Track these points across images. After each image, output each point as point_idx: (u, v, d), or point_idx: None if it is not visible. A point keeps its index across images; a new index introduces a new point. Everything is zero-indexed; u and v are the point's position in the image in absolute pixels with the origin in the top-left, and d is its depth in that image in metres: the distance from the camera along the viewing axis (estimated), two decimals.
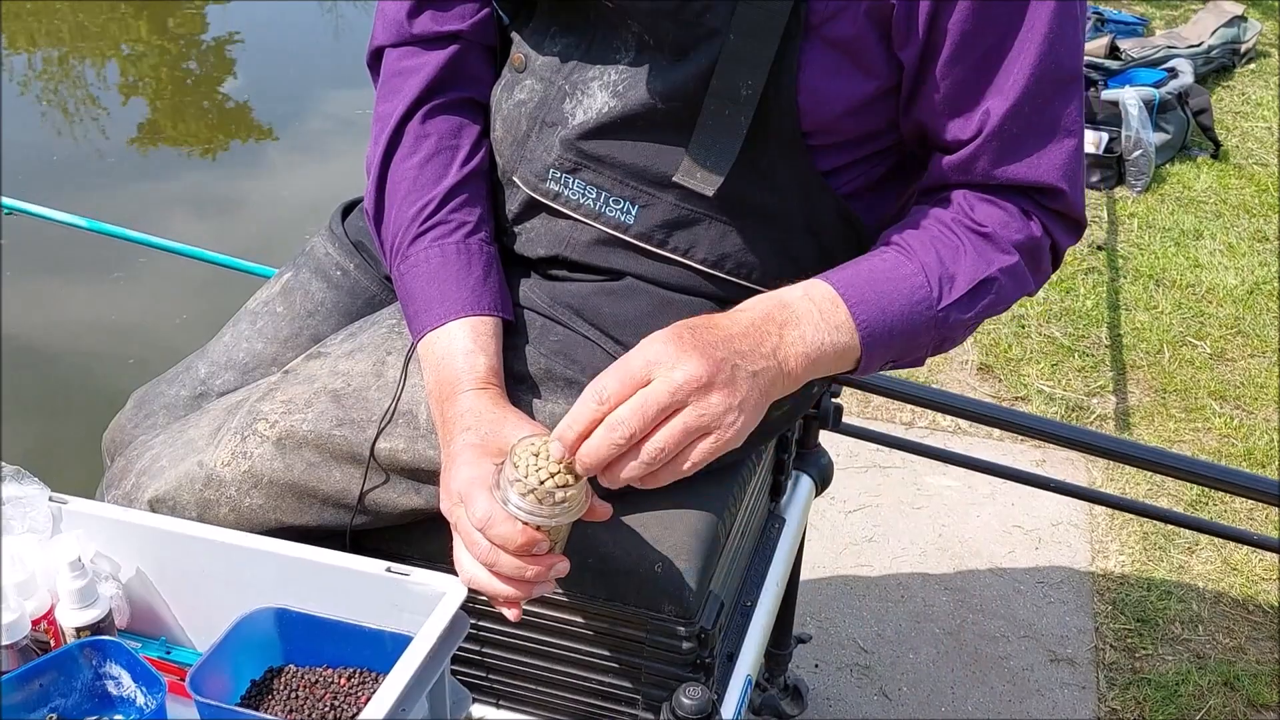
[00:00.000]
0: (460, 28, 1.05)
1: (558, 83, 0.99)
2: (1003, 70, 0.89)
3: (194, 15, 6.01)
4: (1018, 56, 0.88)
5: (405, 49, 1.06)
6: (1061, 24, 0.88)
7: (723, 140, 0.93)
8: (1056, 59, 0.88)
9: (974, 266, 0.91)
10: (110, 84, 5.10)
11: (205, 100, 5.00)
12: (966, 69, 0.89)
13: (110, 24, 5.72)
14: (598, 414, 0.78)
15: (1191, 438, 2.43)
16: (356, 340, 1.05)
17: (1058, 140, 0.91)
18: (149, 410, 1.12)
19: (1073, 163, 0.93)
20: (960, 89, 0.90)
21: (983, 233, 0.92)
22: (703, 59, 0.91)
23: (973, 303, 0.91)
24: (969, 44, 0.88)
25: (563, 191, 1.00)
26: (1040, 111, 0.90)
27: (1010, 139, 0.91)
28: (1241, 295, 2.92)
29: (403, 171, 1.03)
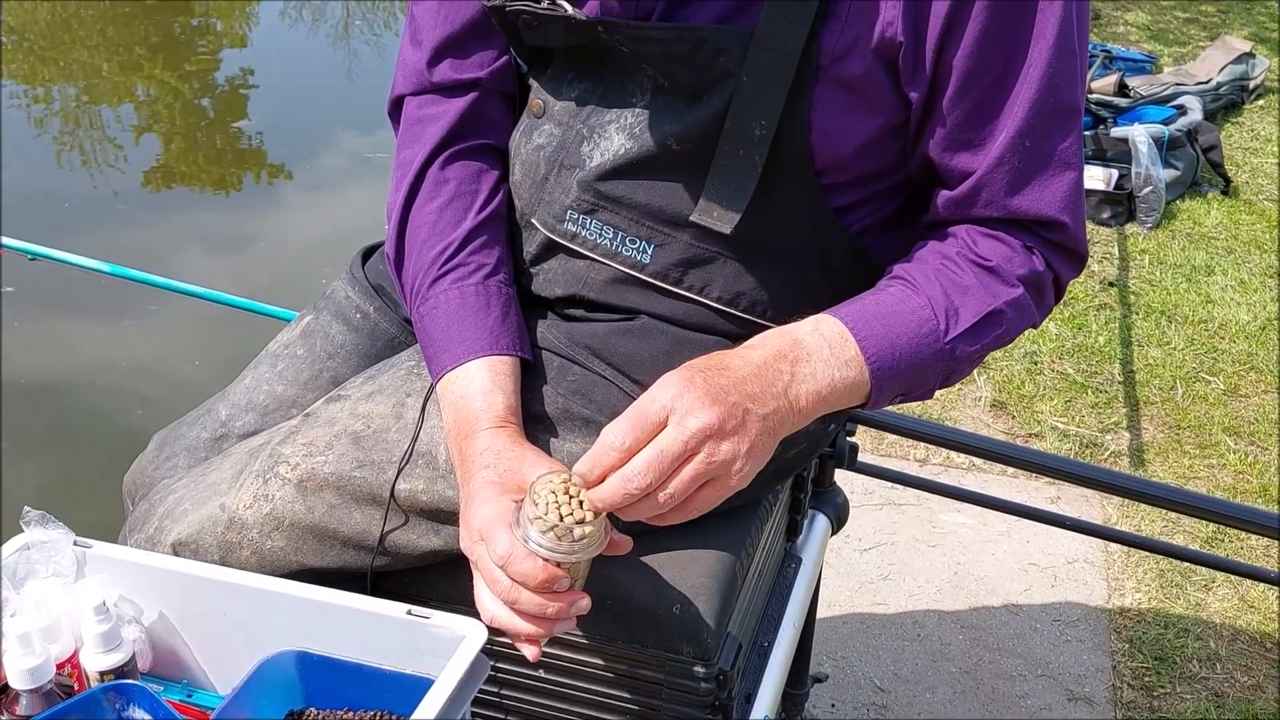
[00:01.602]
0: (479, 75, 1.07)
1: (575, 127, 1.01)
2: (1004, 104, 0.90)
3: (208, 56, 6.09)
4: (1019, 91, 0.90)
5: (425, 97, 1.08)
6: (1060, 58, 0.89)
7: (738, 180, 0.94)
8: (1055, 92, 0.90)
9: (980, 300, 0.92)
10: (126, 125, 5.16)
11: (219, 139, 5.06)
12: (970, 104, 0.91)
13: (127, 66, 5.80)
14: (615, 460, 0.79)
15: (1206, 474, 2.42)
16: (376, 382, 1.06)
17: (1058, 173, 0.92)
18: (170, 452, 1.13)
19: (1073, 195, 0.94)
20: (963, 123, 0.92)
21: (987, 266, 0.93)
22: (717, 101, 0.93)
23: (979, 335, 0.92)
24: (973, 79, 0.90)
25: (580, 232, 1.01)
26: (1040, 144, 0.91)
27: (1012, 172, 0.92)
28: (1254, 331, 2.92)
29: (423, 216, 1.04)
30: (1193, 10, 5.32)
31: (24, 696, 0.82)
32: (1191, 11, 5.30)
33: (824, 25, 0.89)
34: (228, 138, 5.05)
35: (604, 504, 0.80)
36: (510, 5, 0.99)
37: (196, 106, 5.35)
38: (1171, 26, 5.09)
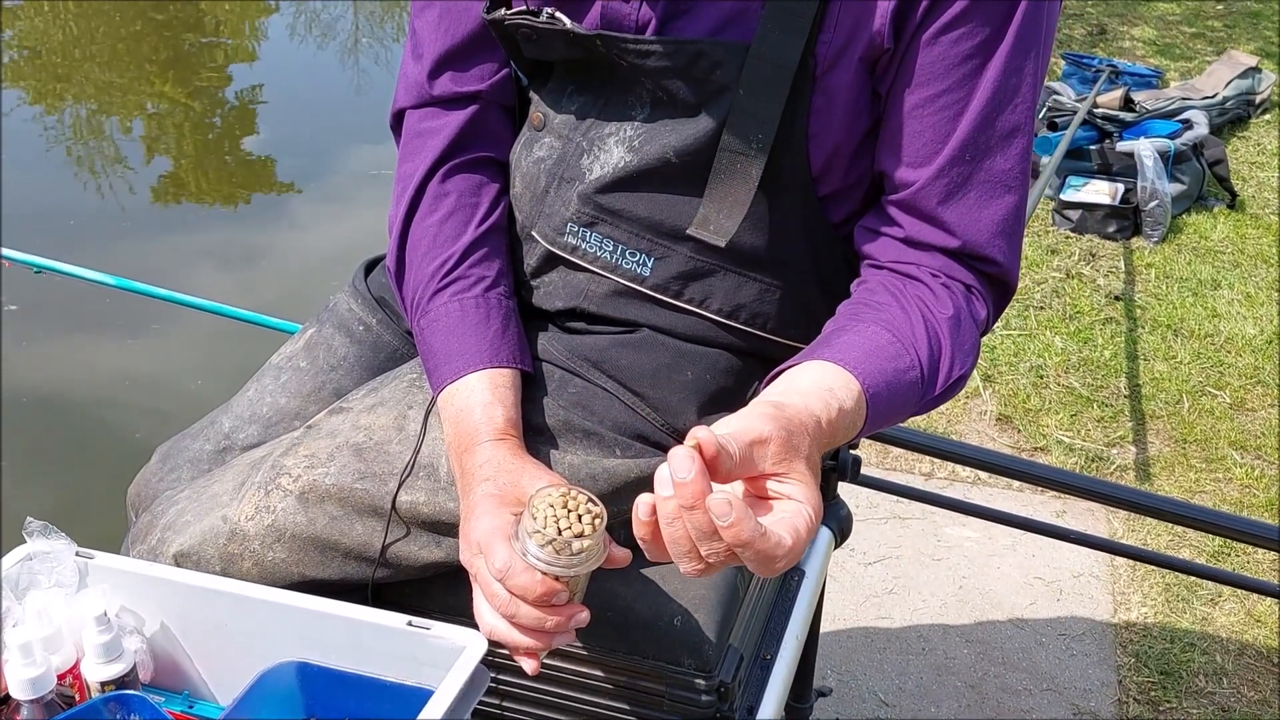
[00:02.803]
0: (479, 88, 1.07)
1: (576, 140, 1.02)
2: (951, 117, 0.91)
3: (218, 71, 6.13)
4: (966, 105, 0.91)
5: (426, 110, 1.09)
6: (1006, 78, 0.90)
7: (735, 192, 0.95)
8: (999, 111, 0.91)
9: (950, 365, 0.93)
10: (136, 140, 5.19)
11: (228, 155, 5.09)
12: (925, 110, 0.92)
13: (137, 82, 5.84)
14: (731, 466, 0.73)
15: (1213, 488, 2.41)
16: (378, 394, 1.07)
17: (998, 195, 0.93)
18: (173, 464, 1.14)
19: (1010, 220, 0.95)
20: (914, 128, 0.93)
21: (956, 325, 0.94)
22: (715, 114, 0.94)
23: (942, 398, 0.94)
24: (929, 82, 0.91)
25: (580, 245, 1.02)
26: (980, 162, 0.92)
27: (951, 186, 0.93)
28: (1260, 345, 2.91)
29: (423, 229, 1.05)
30: (1199, 25, 5.33)
31: (25, 706, 0.83)
32: (1198, 26, 5.31)
33: (818, 35, 0.90)
34: (237, 153, 5.08)
35: (693, 498, 0.69)
36: (510, 18, 0.99)
37: (206, 123, 5.38)
38: (1178, 41, 5.10)
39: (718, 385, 1.04)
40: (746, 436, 0.72)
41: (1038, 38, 0.92)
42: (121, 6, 6.85)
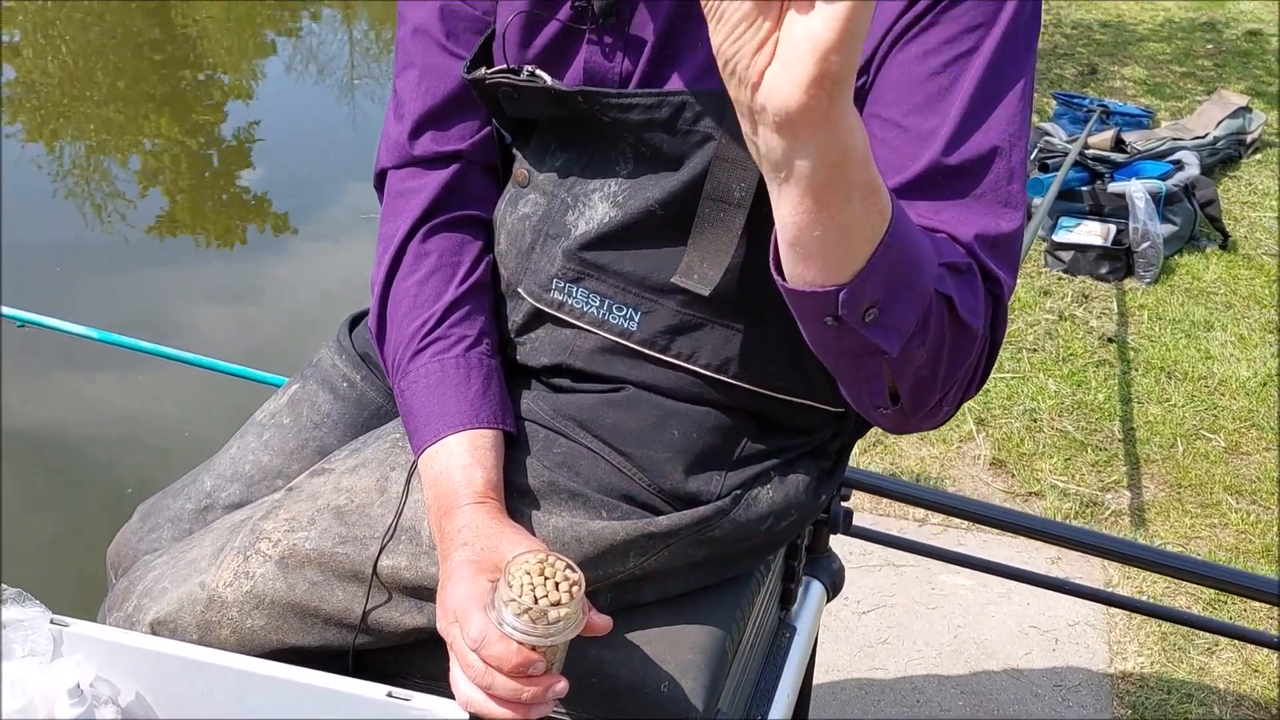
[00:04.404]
0: (461, 148, 1.07)
1: (560, 195, 1.02)
2: (917, 139, 0.87)
3: (215, 108, 6.16)
4: (936, 129, 0.86)
5: (408, 170, 1.09)
6: (984, 99, 0.87)
7: (718, 240, 0.94)
8: (970, 133, 0.86)
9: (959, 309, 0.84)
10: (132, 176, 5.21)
11: (225, 191, 5.11)
12: (892, 132, 0.88)
13: (134, 120, 5.86)
14: None
15: (1208, 534, 2.40)
16: (360, 455, 1.06)
17: (982, 212, 0.86)
18: (154, 524, 1.12)
19: (1001, 237, 0.87)
20: (882, 151, 0.88)
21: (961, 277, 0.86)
22: (697, 163, 0.94)
23: (960, 301, 0.83)
24: (895, 102, 0.88)
25: (567, 300, 1.01)
26: (957, 181, 0.87)
27: (926, 205, 0.87)
28: (1254, 388, 2.90)
29: (404, 290, 1.05)
30: (1189, 65, 5.36)
31: None
32: (1188, 66, 5.34)
33: None
34: (233, 189, 5.10)
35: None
36: (490, 77, 0.99)
37: (202, 158, 5.40)
38: (1168, 81, 5.13)
39: (705, 443, 1.03)
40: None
41: (1018, 64, 0.88)
42: (119, 44, 6.89)
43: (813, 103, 0.63)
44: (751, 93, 0.65)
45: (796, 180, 0.68)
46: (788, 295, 0.76)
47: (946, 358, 0.84)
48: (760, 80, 0.65)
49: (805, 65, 0.62)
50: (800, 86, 0.63)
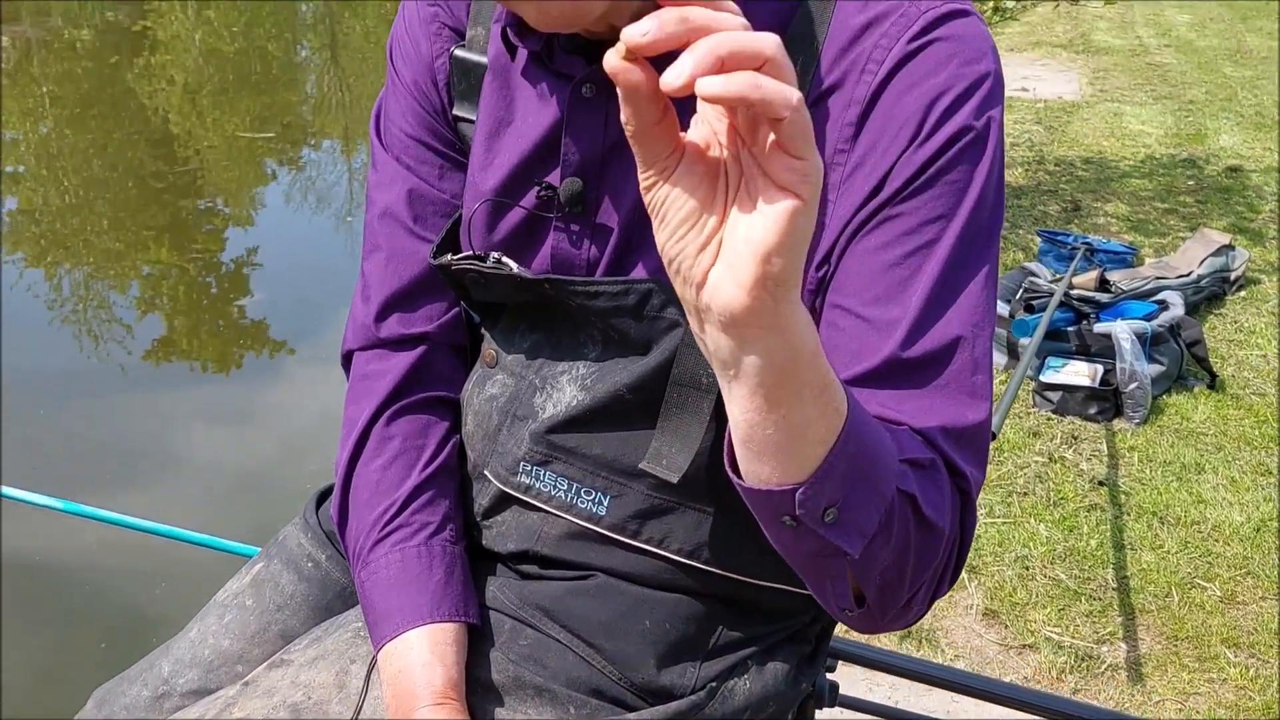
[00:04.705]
0: (427, 330, 1.07)
1: (528, 378, 1.01)
2: (878, 330, 0.86)
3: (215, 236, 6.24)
4: (899, 319, 0.85)
5: (373, 352, 1.08)
6: (946, 290, 0.86)
7: (687, 426, 0.93)
8: (933, 320, 0.85)
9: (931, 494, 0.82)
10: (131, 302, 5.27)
11: (222, 316, 5.16)
12: (851, 319, 0.87)
13: (133, 248, 5.94)
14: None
15: (1207, 690, 2.34)
16: (321, 646, 1.03)
17: (948, 402, 0.85)
18: (109, 711, 1.09)
19: (966, 427, 0.85)
20: (840, 340, 0.87)
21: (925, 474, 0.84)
22: (666, 348, 0.93)
23: (920, 507, 0.81)
24: (858, 291, 0.87)
25: (534, 484, 1.00)
26: (919, 371, 0.85)
27: (889, 396, 0.85)
28: (1248, 533, 2.87)
29: (366, 475, 1.03)
30: (1171, 201, 5.46)
31: None
32: (1170, 202, 5.44)
33: None
34: (231, 314, 5.15)
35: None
36: (456, 264, 1.00)
37: (201, 284, 5.47)
38: (1151, 217, 5.22)
39: (678, 633, 1.00)
40: None
41: (980, 254, 0.87)
42: (121, 176, 7.02)
43: (757, 304, 0.63)
44: (696, 292, 0.65)
45: (745, 379, 0.68)
46: (744, 493, 0.75)
47: (913, 558, 0.81)
48: (704, 280, 0.65)
49: (748, 267, 0.62)
50: (744, 288, 0.63)
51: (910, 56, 0.86)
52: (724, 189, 0.64)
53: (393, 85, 1.08)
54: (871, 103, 0.86)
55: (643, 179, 0.65)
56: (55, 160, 7.31)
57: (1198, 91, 7.94)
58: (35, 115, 8.38)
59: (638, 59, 0.61)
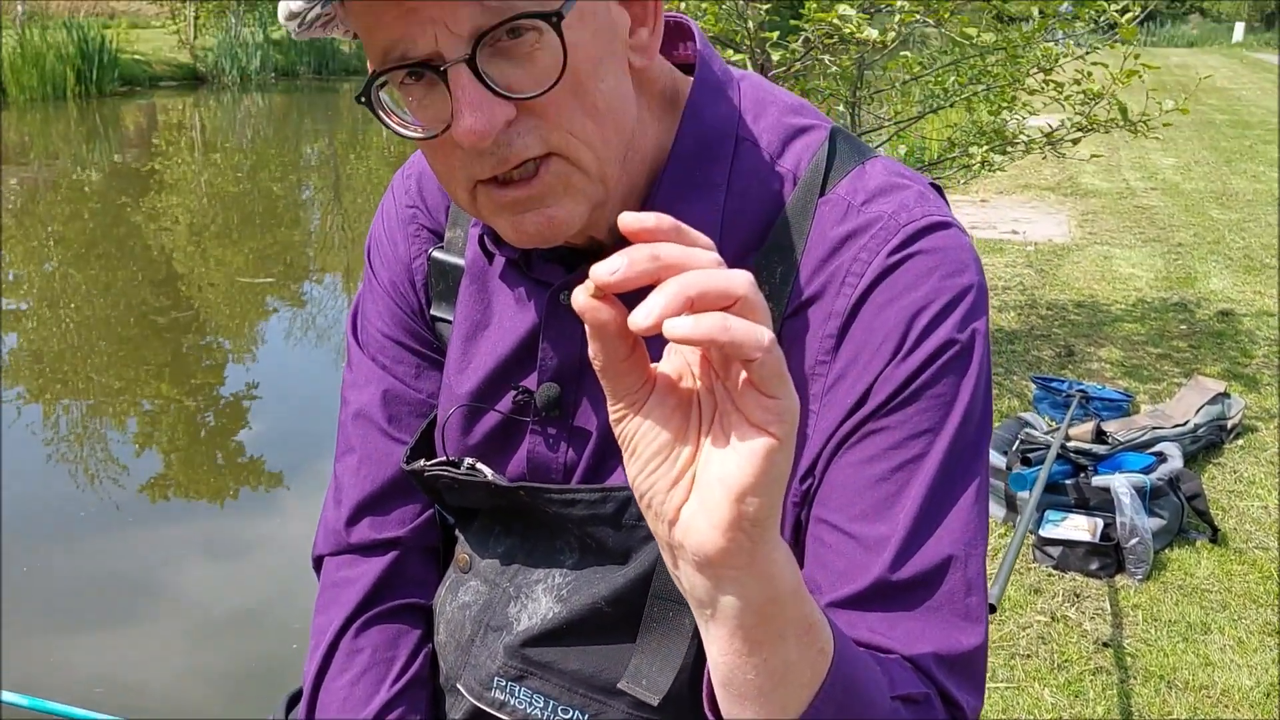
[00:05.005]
0: (399, 534, 1.06)
1: (502, 585, 0.99)
2: (865, 549, 0.84)
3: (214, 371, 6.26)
4: (888, 536, 0.83)
5: (344, 558, 1.07)
6: (935, 506, 0.84)
7: (669, 643, 0.90)
8: (923, 538, 0.83)
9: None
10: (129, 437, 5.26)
11: (219, 451, 5.15)
12: (837, 536, 0.85)
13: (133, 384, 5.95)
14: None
15: None
16: None
17: (939, 626, 0.83)
18: None
19: (958, 655, 0.83)
20: (827, 558, 0.85)
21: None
22: (645, 559, 0.91)
23: None
24: (843, 508, 0.85)
25: (509, 700, 0.97)
26: (912, 590, 0.83)
27: (877, 619, 0.83)
28: (1258, 698, 2.80)
29: (333, 692, 1.01)
30: (1164, 346, 5.50)
31: None
32: (1163, 347, 5.47)
33: None
34: (228, 449, 5.14)
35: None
36: (429, 469, 0.99)
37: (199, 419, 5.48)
38: (1145, 363, 5.24)
39: None
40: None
41: (968, 467, 0.86)
42: (123, 314, 7.08)
43: (732, 545, 0.61)
44: (669, 528, 0.64)
45: (723, 620, 0.65)
46: None
47: None
48: (677, 517, 0.63)
49: (722, 507, 0.61)
50: (718, 529, 0.61)
51: (890, 270, 0.86)
52: (697, 421, 0.63)
53: (370, 285, 1.09)
54: (851, 316, 0.86)
55: (612, 411, 0.64)
56: (58, 299, 7.38)
57: (1186, 234, 8.08)
58: (40, 255, 8.50)
59: (607, 295, 0.60)
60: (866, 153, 0.93)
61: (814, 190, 0.89)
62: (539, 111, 0.79)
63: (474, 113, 0.76)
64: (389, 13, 0.76)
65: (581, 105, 0.79)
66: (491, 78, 0.76)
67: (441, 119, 0.79)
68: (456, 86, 0.76)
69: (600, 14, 0.81)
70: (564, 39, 0.76)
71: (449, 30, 0.75)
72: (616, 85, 0.82)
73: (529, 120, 0.79)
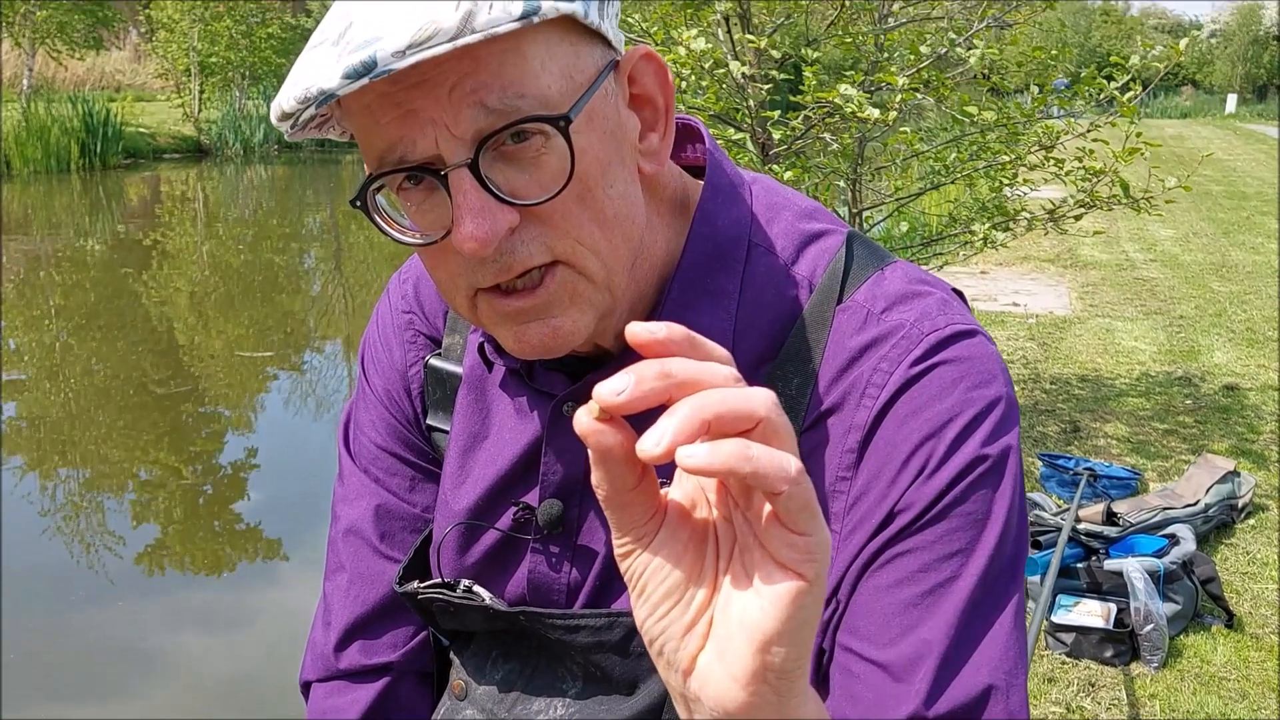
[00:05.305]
0: (391, 659, 1.00)
1: (500, 715, 0.93)
2: (892, 679, 0.79)
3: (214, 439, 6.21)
4: (921, 657, 0.78)
5: (333, 684, 1.01)
6: (970, 633, 0.79)
7: None
8: (957, 668, 0.78)
9: None
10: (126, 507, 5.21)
11: (218, 520, 5.10)
12: (864, 665, 0.80)
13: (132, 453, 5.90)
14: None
15: None
16: None
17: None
18: None
19: None
20: (854, 691, 0.80)
21: None
22: (654, 690, 0.85)
23: None
24: (873, 635, 0.80)
25: None
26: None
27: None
28: None
29: None
30: (1170, 421, 5.45)
31: None
32: (1169, 423, 5.43)
33: None
34: (225, 517, 5.10)
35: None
36: (423, 592, 0.94)
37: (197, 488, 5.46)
38: (1151, 439, 5.19)
39: None
40: None
41: (1005, 589, 0.81)
42: (122, 384, 7.05)
43: (756, 699, 0.56)
44: (683, 678, 0.58)
45: None
46: None
47: None
48: (692, 666, 0.57)
49: (744, 657, 0.55)
50: (739, 681, 0.55)
51: (913, 381, 0.82)
52: (714, 556, 0.58)
53: (363, 393, 1.04)
54: (873, 429, 0.82)
55: (618, 546, 0.59)
56: (58, 369, 7.36)
57: (1187, 307, 8.08)
58: (40, 325, 8.49)
59: (613, 417, 0.55)
60: (885, 258, 0.89)
61: (831, 297, 0.86)
62: (544, 218, 0.75)
63: (476, 219, 0.72)
64: (387, 114, 0.72)
65: (589, 212, 0.76)
66: (494, 183, 0.73)
67: (441, 224, 0.75)
68: (458, 191, 0.72)
69: (609, 118, 0.78)
70: (572, 144, 0.73)
71: (450, 133, 0.72)
72: (625, 191, 0.79)
73: (534, 227, 0.75)
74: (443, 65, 0.70)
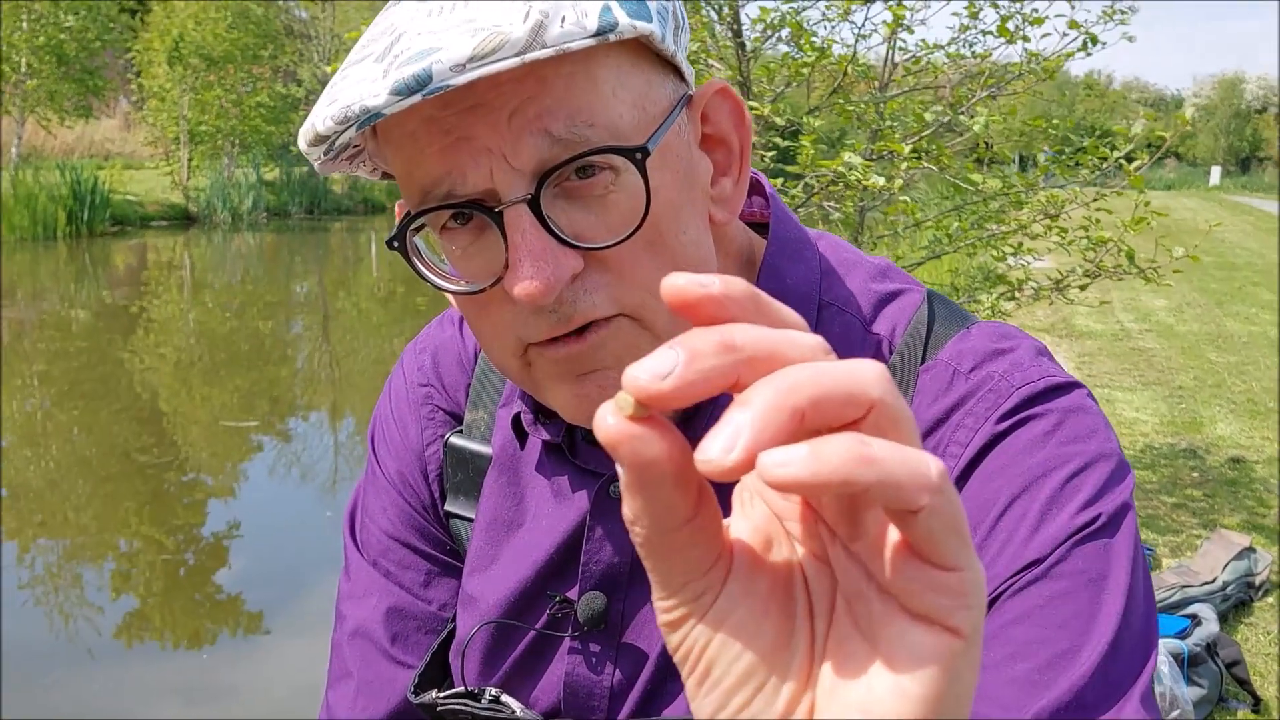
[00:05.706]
0: None
1: None
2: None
3: (195, 508, 6.06)
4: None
5: None
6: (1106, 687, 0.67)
7: None
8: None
9: None
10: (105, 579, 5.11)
11: (198, 591, 4.96)
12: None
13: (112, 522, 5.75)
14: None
15: None
16: None
17: None
18: None
19: None
20: None
21: None
22: None
23: None
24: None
25: None
26: None
27: None
28: None
29: None
30: (1179, 495, 5.34)
31: None
32: (1178, 496, 5.32)
33: None
34: (206, 589, 5.02)
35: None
36: (443, 704, 0.81)
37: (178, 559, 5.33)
38: (1160, 513, 5.08)
39: None
40: None
41: (1140, 654, 0.69)
42: (104, 454, 6.89)
43: None
44: None
45: None
46: None
47: None
48: None
49: None
50: None
51: (1000, 438, 0.73)
52: (806, 614, 0.39)
53: (373, 477, 0.93)
54: None
55: (665, 613, 0.40)
56: (39, 437, 7.20)
57: (1186, 377, 8.02)
58: (23, 393, 8.34)
59: (653, 417, 0.37)
60: (969, 318, 0.80)
61: (914, 358, 0.77)
62: (610, 265, 0.65)
63: (536, 263, 0.62)
64: (435, 142, 0.63)
65: (658, 259, 0.66)
66: (556, 223, 0.63)
67: (491, 270, 0.65)
68: (515, 231, 0.63)
69: (683, 156, 0.69)
70: (647, 180, 0.63)
71: (508, 164, 0.62)
72: (699, 239, 0.70)
73: (599, 275, 0.65)
74: (503, 87, 0.61)
